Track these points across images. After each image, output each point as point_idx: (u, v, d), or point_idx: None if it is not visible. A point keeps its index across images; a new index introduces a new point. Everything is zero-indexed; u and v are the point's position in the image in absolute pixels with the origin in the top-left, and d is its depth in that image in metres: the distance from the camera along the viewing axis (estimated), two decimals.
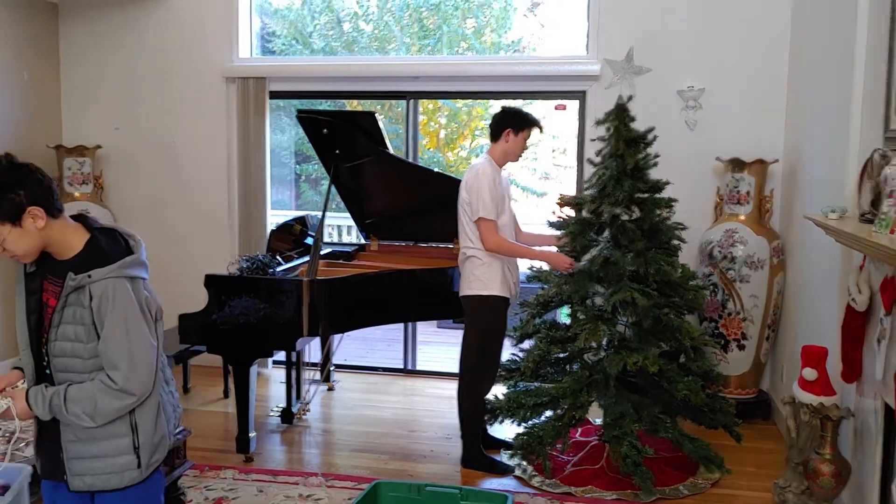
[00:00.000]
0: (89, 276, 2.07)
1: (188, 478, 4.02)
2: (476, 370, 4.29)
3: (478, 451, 4.35)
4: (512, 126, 4.23)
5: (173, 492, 3.40)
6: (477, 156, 9.68)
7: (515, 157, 4.33)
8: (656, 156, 4.24)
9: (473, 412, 4.33)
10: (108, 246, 2.16)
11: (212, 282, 4.35)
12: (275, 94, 6.00)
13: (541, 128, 4.33)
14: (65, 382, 2.13)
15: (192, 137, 6.10)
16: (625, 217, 4.21)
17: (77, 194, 5.95)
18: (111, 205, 6.16)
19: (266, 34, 8.42)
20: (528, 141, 4.30)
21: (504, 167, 4.32)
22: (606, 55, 5.38)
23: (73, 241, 2.15)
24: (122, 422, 2.14)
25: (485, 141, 9.95)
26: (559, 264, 4.23)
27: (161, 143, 6.15)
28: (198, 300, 4.40)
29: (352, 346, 6.54)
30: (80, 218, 2.24)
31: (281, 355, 5.27)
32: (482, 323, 4.25)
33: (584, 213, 4.33)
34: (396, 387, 5.87)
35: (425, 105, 9.59)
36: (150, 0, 6.05)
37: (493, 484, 4.17)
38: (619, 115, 4.21)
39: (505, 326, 4.32)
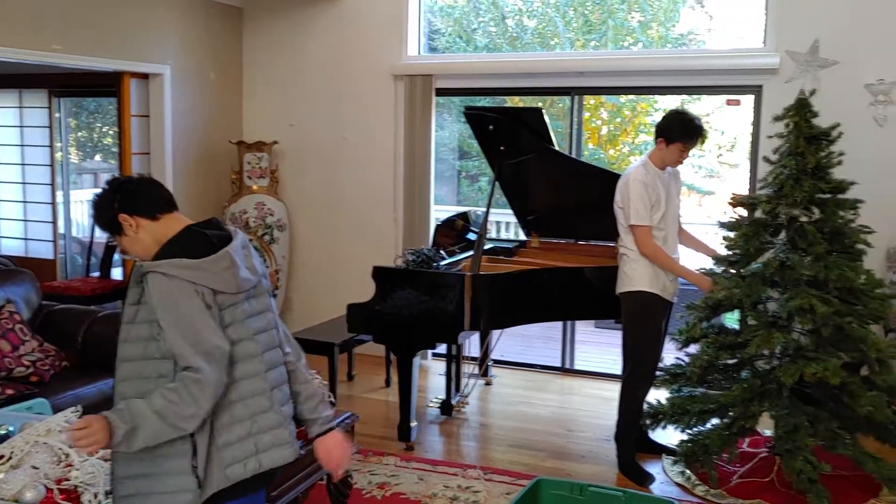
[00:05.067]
0: (141, 266, 2.05)
1: (353, 462, 4.18)
2: (629, 370, 4.22)
3: (632, 459, 4.25)
4: (664, 136, 4.08)
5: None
6: (640, 153, 9.44)
7: (674, 164, 4.18)
8: (840, 154, 3.97)
9: (626, 414, 4.24)
10: (183, 242, 2.09)
11: (379, 273, 4.50)
12: (440, 91, 6.11)
13: (701, 139, 4.12)
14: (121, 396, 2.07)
15: (360, 134, 6.33)
16: (804, 219, 3.98)
17: (255, 187, 6.31)
18: (285, 198, 6.49)
19: (430, 32, 8.58)
20: (687, 152, 4.11)
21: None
22: (788, 47, 5.10)
23: (168, 237, 2.13)
24: (183, 440, 2.03)
25: (648, 138, 9.70)
26: (702, 286, 4.12)
27: (332, 139, 6.42)
28: (363, 290, 4.55)
29: (509, 342, 6.56)
30: (207, 221, 2.20)
31: (441, 348, 5.38)
32: (631, 320, 4.18)
33: (759, 214, 4.13)
34: (554, 385, 5.84)
35: (587, 101, 9.47)
36: (325, 2, 6.32)
37: (655, 489, 4.07)
38: (800, 110, 3.98)
39: (658, 326, 4.19)
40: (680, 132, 4.05)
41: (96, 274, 6.66)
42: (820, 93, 4.78)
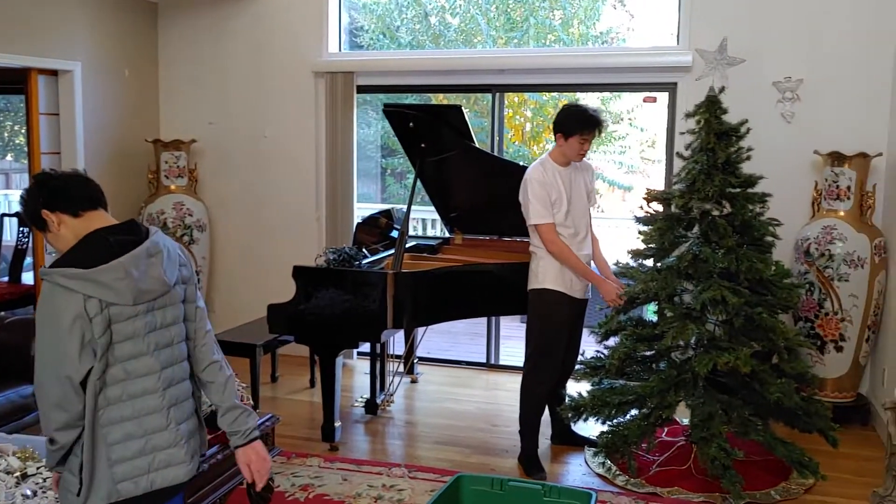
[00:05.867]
0: (42, 270, 2.05)
1: (276, 464, 4.12)
2: (530, 366, 4.27)
3: (532, 452, 4.30)
4: (562, 131, 4.12)
5: None
6: None
7: (577, 158, 4.19)
8: (749, 149, 4.11)
9: (528, 409, 4.30)
10: (81, 248, 2.05)
11: (300, 273, 4.45)
12: (362, 89, 6.07)
13: (598, 129, 4.13)
14: None
15: (282, 131, 6.24)
16: (715, 213, 4.09)
17: (173, 187, 6.16)
18: (205, 197, 6.36)
19: (354, 29, 8.53)
20: (588, 142, 4.12)
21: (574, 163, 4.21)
22: (698, 45, 5.24)
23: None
24: (78, 440, 2.05)
25: None
26: (606, 294, 4.18)
27: (252, 137, 6.31)
28: (286, 291, 4.50)
29: (435, 339, 6.58)
30: (124, 223, 2.16)
31: (365, 347, 5.36)
32: (536, 317, 4.23)
33: (673, 209, 4.22)
34: (479, 381, 5.88)
35: (511, 98, 9.55)
36: None
37: (577, 481, 4.14)
38: (710, 107, 4.10)
39: (563, 323, 4.22)
40: (575, 124, 4.08)
41: (5, 279, 6.40)
42: (729, 90, 4.94)
